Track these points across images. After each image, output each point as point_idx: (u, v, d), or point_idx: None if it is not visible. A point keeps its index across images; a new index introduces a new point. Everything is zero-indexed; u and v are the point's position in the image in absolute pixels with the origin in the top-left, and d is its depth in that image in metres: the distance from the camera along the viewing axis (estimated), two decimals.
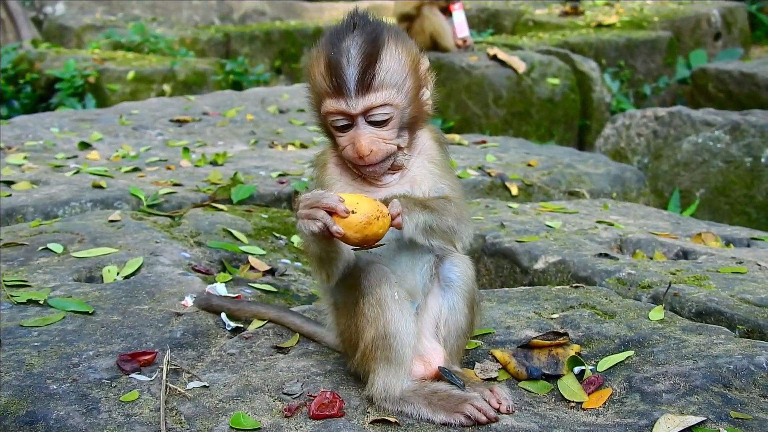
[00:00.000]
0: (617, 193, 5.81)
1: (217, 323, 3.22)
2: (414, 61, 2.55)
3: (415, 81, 2.55)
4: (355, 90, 2.43)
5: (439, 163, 2.63)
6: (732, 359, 2.75)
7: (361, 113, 2.46)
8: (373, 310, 2.49)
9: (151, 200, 4.71)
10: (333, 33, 2.51)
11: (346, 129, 2.51)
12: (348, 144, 2.50)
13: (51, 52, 11.27)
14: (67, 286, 3.46)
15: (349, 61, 2.43)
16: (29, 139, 6.47)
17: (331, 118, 2.50)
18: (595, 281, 3.76)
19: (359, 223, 2.28)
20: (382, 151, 2.49)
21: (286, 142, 6.67)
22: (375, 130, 2.49)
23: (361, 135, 2.47)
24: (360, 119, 2.48)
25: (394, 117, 2.50)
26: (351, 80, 2.43)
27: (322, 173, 2.66)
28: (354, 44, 2.45)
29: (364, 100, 2.45)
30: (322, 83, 2.49)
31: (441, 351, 2.64)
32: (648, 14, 13.72)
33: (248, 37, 14.16)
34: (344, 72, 2.43)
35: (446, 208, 2.50)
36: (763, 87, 9.72)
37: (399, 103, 2.49)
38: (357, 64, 2.43)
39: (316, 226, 2.29)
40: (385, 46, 2.47)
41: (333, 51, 2.46)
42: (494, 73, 9.67)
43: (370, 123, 2.49)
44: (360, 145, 2.47)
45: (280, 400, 2.63)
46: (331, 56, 2.45)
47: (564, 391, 2.70)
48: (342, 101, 2.45)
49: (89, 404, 2.58)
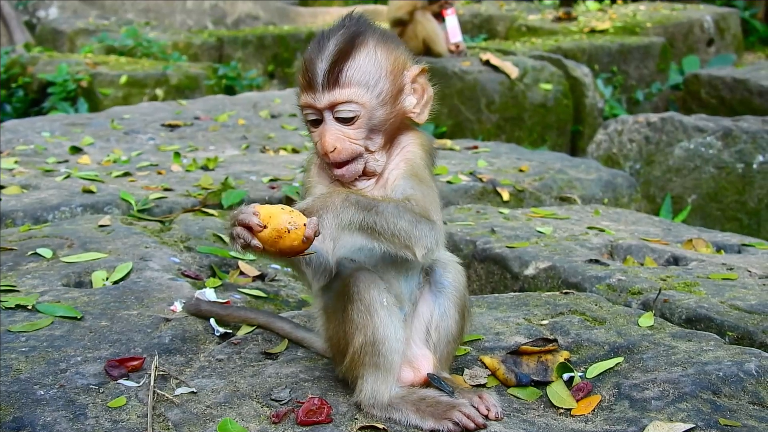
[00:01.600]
0: (609, 198, 5.81)
1: (206, 329, 3.21)
2: (395, 64, 2.55)
3: (395, 85, 2.54)
4: (322, 84, 2.47)
5: (413, 165, 2.58)
6: (721, 366, 2.75)
7: (326, 107, 2.49)
8: (362, 316, 2.48)
9: (141, 205, 4.69)
10: (322, 32, 2.55)
11: (317, 124, 2.54)
12: (317, 140, 2.53)
13: (44, 56, 11.25)
14: (56, 291, 3.45)
15: (322, 56, 2.48)
16: (20, 143, 6.45)
17: (304, 112, 2.55)
18: (585, 287, 3.76)
19: (270, 237, 2.26)
20: (346, 150, 2.50)
21: (278, 147, 6.67)
22: (342, 127, 2.50)
23: (326, 131, 2.50)
24: (327, 114, 2.50)
25: (362, 116, 2.50)
26: (319, 74, 2.47)
27: (307, 176, 2.68)
28: (333, 42, 2.49)
29: (330, 95, 2.47)
30: (300, 77, 2.54)
31: (430, 357, 2.63)
32: (641, 20, 13.76)
33: (241, 42, 14.16)
34: (315, 66, 2.48)
35: (399, 208, 2.41)
36: (756, 93, 9.75)
37: (367, 102, 2.49)
38: (328, 60, 2.47)
39: (238, 243, 2.28)
40: (362, 45, 2.50)
41: (312, 47, 2.51)
42: (487, 78, 9.68)
43: (337, 120, 2.50)
44: (324, 141, 2.49)
45: (267, 406, 2.62)
46: (308, 53, 2.51)
47: (553, 397, 2.70)
48: (311, 95, 2.49)
49: (76, 410, 2.57)
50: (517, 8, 16.51)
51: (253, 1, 18.49)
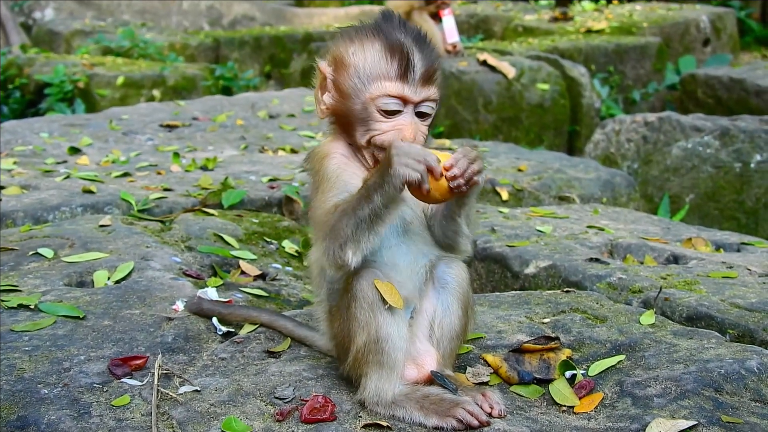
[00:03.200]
0: (607, 198, 5.82)
1: (209, 328, 3.21)
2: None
3: (443, 89, 2.68)
4: (420, 79, 2.53)
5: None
6: (723, 363, 2.76)
7: (419, 101, 2.55)
8: (365, 314, 2.49)
9: (141, 205, 4.69)
10: (380, 23, 2.59)
11: (393, 115, 2.56)
12: (390, 130, 2.55)
13: (40, 57, 11.24)
14: (58, 290, 3.45)
15: (414, 51, 2.53)
16: (19, 144, 6.45)
17: (384, 101, 2.54)
18: (586, 286, 3.77)
19: (446, 188, 2.38)
20: (419, 143, 2.55)
21: (277, 147, 6.67)
22: (418, 121, 2.58)
23: (410, 123, 2.54)
24: (411, 108, 2.56)
25: (433, 114, 2.62)
26: (418, 69, 2.53)
27: (326, 162, 2.64)
28: (411, 37, 2.55)
29: (426, 91, 2.55)
30: (381, 65, 2.54)
31: (434, 353, 2.64)
32: (637, 20, 13.78)
33: (238, 43, 14.16)
34: (412, 59, 2.53)
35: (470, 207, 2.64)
36: (752, 93, 9.76)
37: (438, 102, 2.62)
38: (423, 56, 2.54)
39: (416, 175, 2.32)
40: (437, 49, 2.64)
41: (393, 37, 2.54)
42: (484, 78, 9.68)
43: (417, 114, 2.57)
44: (408, 132, 2.52)
45: (271, 404, 2.63)
46: (395, 41, 2.54)
47: (555, 395, 2.71)
48: (405, 86, 2.53)
49: (80, 409, 2.57)
50: (514, 8, 16.53)
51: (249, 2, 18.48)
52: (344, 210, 2.45)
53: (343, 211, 2.45)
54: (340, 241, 2.45)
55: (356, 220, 2.42)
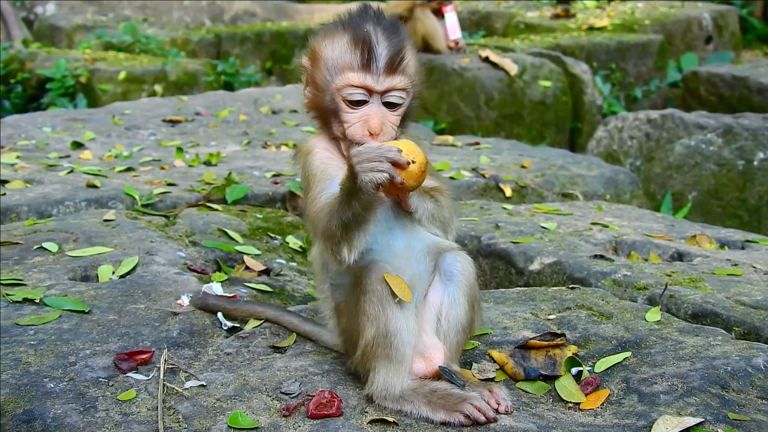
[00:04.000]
0: (611, 195, 5.82)
1: (214, 323, 3.21)
2: (418, 60, 2.68)
3: (419, 78, 2.67)
4: (383, 68, 2.53)
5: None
6: (729, 361, 2.76)
7: (384, 91, 2.55)
8: (374, 308, 2.49)
9: (145, 200, 4.69)
10: (351, 17, 2.60)
11: (359, 105, 2.57)
12: (358, 121, 2.56)
13: (42, 52, 11.23)
14: (63, 285, 3.45)
15: (379, 40, 2.54)
16: (22, 138, 6.44)
17: (349, 91, 2.56)
18: (590, 282, 3.76)
19: (417, 172, 2.36)
20: (387, 134, 2.56)
21: (280, 143, 6.67)
22: (386, 111, 2.57)
23: (376, 113, 2.55)
24: (377, 98, 2.56)
25: (403, 104, 2.60)
26: (381, 58, 2.53)
27: (310, 159, 2.67)
28: (379, 29, 2.55)
29: (390, 80, 2.55)
30: (345, 57, 2.56)
31: (441, 347, 2.64)
32: (639, 17, 13.76)
33: (239, 38, 14.15)
34: (375, 49, 2.53)
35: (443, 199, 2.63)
36: (755, 90, 9.76)
37: (410, 92, 2.61)
38: (387, 45, 2.53)
39: (383, 176, 2.30)
40: (408, 40, 2.60)
41: (360, 29, 2.54)
42: (486, 75, 9.68)
43: (384, 104, 2.57)
44: (374, 122, 2.53)
45: (277, 399, 2.63)
46: (360, 33, 2.54)
47: (562, 391, 2.71)
48: (368, 76, 2.53)
49: (86, 403, 2.58)
50: (515, 5, 16.50)
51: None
52: (331, 212, 2.48)
53: (330, 214, 2.48)
54: (335, 241, 2.49)
55: (343, 223, 2.44)
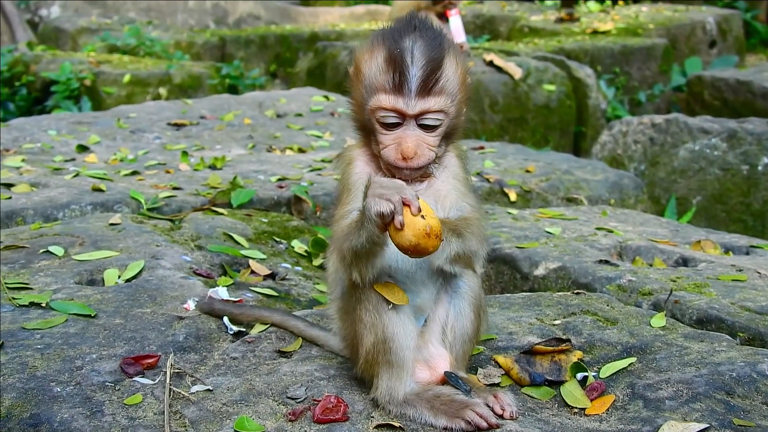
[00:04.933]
0: (615, 199, 5.82)
1: (219, 327, 3.22)
2: (464, 73, 2.57)
3: (464, 95, 2.58)
4: (416, 91, 2.44)
5: (462, 180, 2.64)
6: (734, 367, 2.76)
7: (417, 115, 2.47)
8: (370, 315, 2.50)
9: (151, 204, 4.70)
10: (393, 30, 2.51)
11: (393, 127, 2.50)
12: (392, 143, 2.50)
13: (46, 54, 11.24)
14: (69, 288, 3.46)
15: (413, 60, 2.44)
16: (27, 141, 6.45)
17: (381, 113, 2.49)
18: (595, 288, 3.77)
19: (421, 229, 2.27)
20: (425, 156, 2.50)
21: (284, 147, 6.67)
22: (422, 134, 2.49)
23: (409, 136, 2.48)
24: (412, 121, 2.48)
25: (443, 125, 2.51)
26: (413, 80, 2.43)
27: (348, 170, 2.64)
28: (417, 45, 2.45)
29: (423, 103, 2.45)
30: (379, 77, 2.48)
31: (447, 356, 2.64)
32: (643, 21, 13.76)
33: (244, 41, 14.17)
34: (407, 70, 2.43)
35: (471, 231, 2.51)
36: (759, 95, 9.76)
37: (450, 111, 2.51)
38: (421, 66, 2.43)
39: (387, 207, 2.26)
40: (448, 57, 2.49)
41: (395, 47, 2.45)
42: (490, 79, 9.68)
43: (420, 126, 2.49)
44: (407, 146, 2.47)
45: (284, 404, 2.64)
46: (394, 52, 2.45)
47: (567, 397, 2.71)
48: (400, 99, 2.45)
49: (93, 407, 2.58)
50: (519, 9, 16.51)
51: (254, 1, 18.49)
52: (346, 236, 2.47)
53: (345, 236, 2.47)
54: (345, 263, 2.49)
55: (353, 249, 2.42)
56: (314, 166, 5.84)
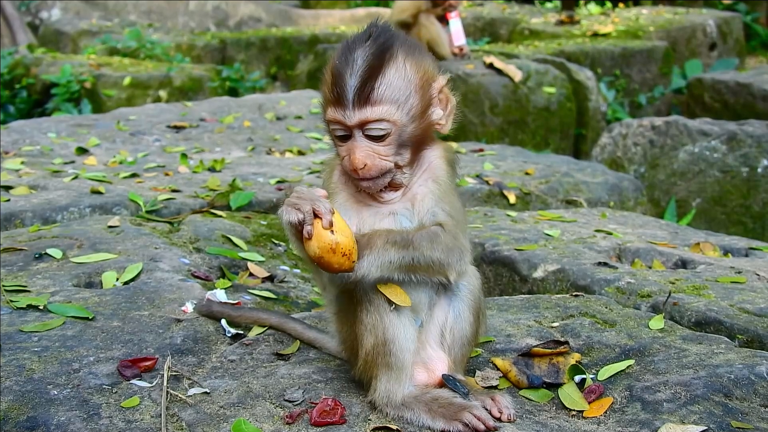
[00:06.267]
0: (615, 202, 5.82)
1: (217, 329, 3.21)
2: (424, 78, 2.50)
3: (423, 99, 2.50)
4: (352, 101, 2.39)
5: (442, 184, 2.57)
6: (733, 369, 2.76)
7: (356, 126, 2.42)
8: (371, 317, 2.49)
9: (149, 206, 4.70)
10: (348, 42, 2.47)
11: (345, 139, 2.48)
12: (345, 155, 2.48)
13: (47, 57, 11.25)
14: (67, 291, 3.46)
15: (352, 72, 2.40)
16: (26, 144, 6.46)
17: (332, 126, 2.48)
18: (594, 290, 3.76)
19: (327, 243, 2.27)
20: (376, 167, 2.45)
21: (284, 149, 6.68)
22: (372, 144, 2.45)
23: (356, 147, 2.44)
24: (357, 131, 2.44)
25: (392, 133, 2.45)
26: (350, 91, 2.39)
27: (328, 179, 2.64)
28: (362, 55, 2.41)
29: (360, 113, 2.40)
30: (326, 91, 2.47)
31: (445, 359, 2.64)
32: (644, 24, 13.77)
33: (244, 44, 14.18)
34: (345, 82, 2.39)
35: (433, 239, 2.44)
36: (759, 97, 9.76)
37: (398, 120, 2.44)
38: (359, 76, 2.39)
39: (296, 216, 2.27)
40: (392, 60, 2.43)
41: (340, 60, 2.43)
42: (490, 81, 9.68)
43: (367, 137, 2.45)
44: (354, 158, 2.44)
45: (281, 407, 2.63)
46: (337, 65, 2.43)
47: (565, 399, 2.70)
48: (340, 111, 2.42)
49: (90, 410, 2.58)
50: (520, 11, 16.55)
51: (255, 4, 18.50)
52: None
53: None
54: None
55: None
56: (313, 168, 5.84)
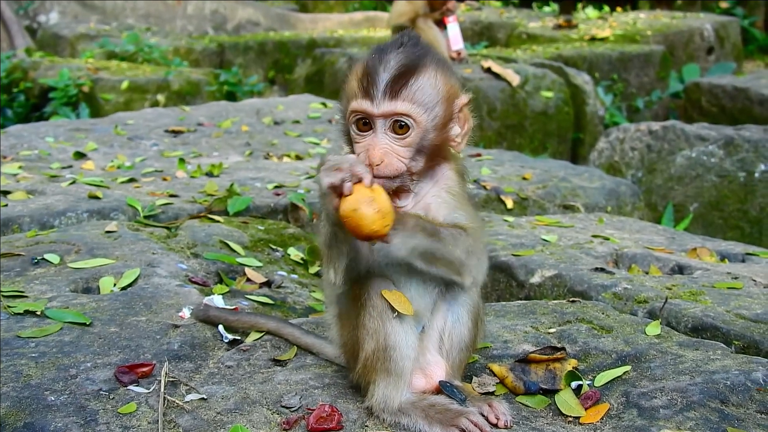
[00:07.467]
0: (612, 207, 5.82)
1: (215, 335, 3.22)
2: (450, 92, 2.54)
3: (446, 112, 2.53)
4: (382, 92, 2.43)
5: (456, 195, 2.60)
6: (729, 375, 2.76)
7: (382, 115, 2.44)
8: (374, 322, 2.50)
9: (147, 211, 4.69)
10: (379, 47, 2.53)
11: (365, 133, 2.49)
12: (362, 151, 2.48)
13: (45, 61, 11.25)
14: (64, 296, 3.46)
15: (385, 68, 2.45)
16: (24, 148, 6.45)
17: (353, 117, 2.50)
18: (591, 296, 3.77)
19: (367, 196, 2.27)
20: (392, 166, 2.46)
21: (282, 154, 6.67)
22: (392, 142, 2.47)
23: (377, 144, 2.46)
24: (380, 124, 2.46)
25: (414, 133, 2.47)
26: (381, 83, 2.43)
27: None
28: (395, 58, 2.46)
29: (389, 104, 2.43)
30: (354, 85, 2.50)
31: (443, 364, 2.65)
32: (641, 28, 13.79)
33: (242, 48, 14.19)
34: (377, 76, 2.44)
35: (456, 237, 2.48)
36: (756, 102, 9.78)
37: (422, 121, 2.47)
38: (391, 72, 2.44)
39: (338, 177, 2.27)
40: (424, 67, 2.48)
41: (373, 59, 2.49)
42: (488, 85, 9.70)
43: (390, 133, 2.47)
44: (373, 152, 2.45)
45: (278, 413, 2.64)
46: (370, 63, 2.48)
47: (561, 405, 2.71)
48: (367, 101, 2.44)
49: (87, 416, 2.58)
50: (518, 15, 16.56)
51: (253, 7, 18.51)
52: (321, 231, 2.52)
53: (322, 230, 2.52)
54: (325, 260, 2.53)
55: (325, 242, 2.48)
56: (311, 173, 5.84)
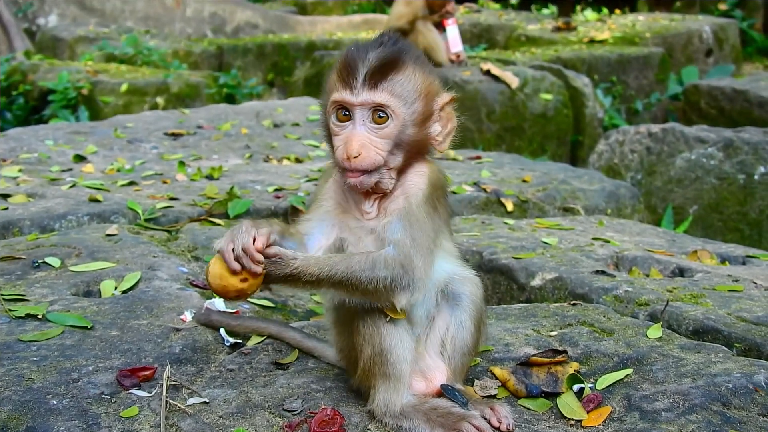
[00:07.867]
0: (612, 209, 5.82)
1: (216, 339, 3.21)
2: (429, 89, 2.54)
3: (426, 108, 2.53)
4: (362, 83, 2.43)
5: (413, 203, 2.53)
6: (730, 378, 2.76)
7: (360, 104, 2.44)
8: (368, 327, 2.51)
9: (148, 214, 4.69)
10: (359, 43, 2.53)
11: (344, 122, 2.49)
12: (341, 144, 2.48)
13: (44, 63, 11.26)
14: (65, 300, 3.46)
15: (365, 62, 2.45)
16: (24, 151, 6.46)
17: (332, 108, 2.50)
18: (592, 298, 3.77)
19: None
20: (369, 158, 2.45)
21: (281, 157, 6.68)
22: (370, 133, 2.47)
23: (354, 134, 2.46)
24: (359, 115, 2.46)
25: (392, 125, 2.47)
26: (360, 74, 2.43)
27: (323, 183, 2.67)
28: (375, 53, 2.46)
29: (368, 94, 2.43)
30: (334, 78, 2.51)
31: (444, 368, 2.65)
32: (640, 30, 13.80)
33: (241, 50, 14.20)
34: (357, 69, 2.44)
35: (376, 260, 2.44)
36: (755, 104, 9.78)
37: (401, 114, 2.47)
38: (371, 65, 2.44)
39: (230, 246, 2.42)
40: (404, 63, 2.48)
41: (352, 54, 2.48)
42: (487, 88, 9.70)
43: (368, 123, 2.47)
44: (350, 144, 2.45)
45: (280, 416, 2.63)
46: (350, 57, 2.48)
47: (563, 408, 2.71)
48: (347, 92, 2.45)
49: (89, 420, 2.58)
50: (517, 18, 16.56)
51: (252, 10, 18.52)
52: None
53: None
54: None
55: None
56: (311, 176, 5.84)
